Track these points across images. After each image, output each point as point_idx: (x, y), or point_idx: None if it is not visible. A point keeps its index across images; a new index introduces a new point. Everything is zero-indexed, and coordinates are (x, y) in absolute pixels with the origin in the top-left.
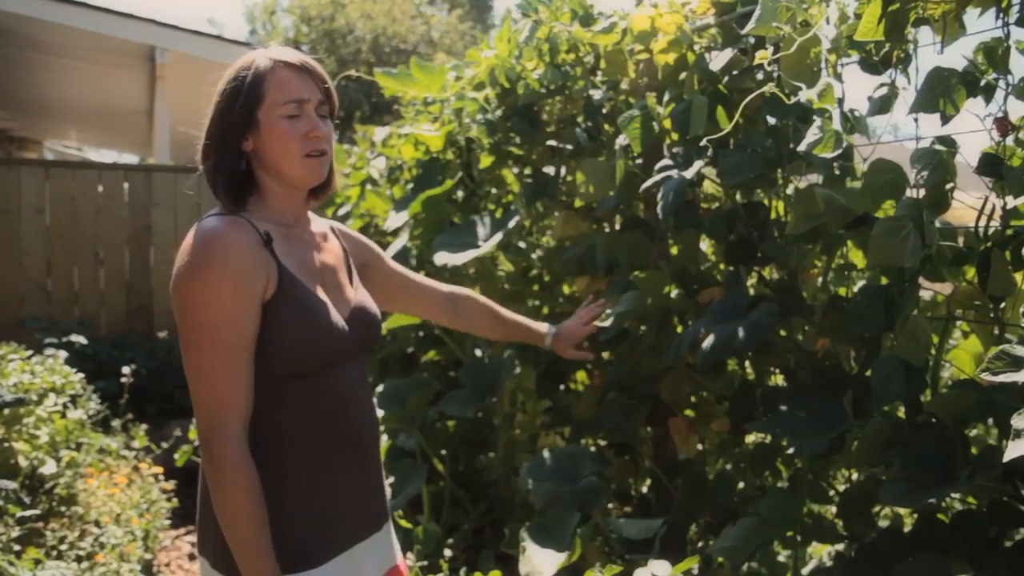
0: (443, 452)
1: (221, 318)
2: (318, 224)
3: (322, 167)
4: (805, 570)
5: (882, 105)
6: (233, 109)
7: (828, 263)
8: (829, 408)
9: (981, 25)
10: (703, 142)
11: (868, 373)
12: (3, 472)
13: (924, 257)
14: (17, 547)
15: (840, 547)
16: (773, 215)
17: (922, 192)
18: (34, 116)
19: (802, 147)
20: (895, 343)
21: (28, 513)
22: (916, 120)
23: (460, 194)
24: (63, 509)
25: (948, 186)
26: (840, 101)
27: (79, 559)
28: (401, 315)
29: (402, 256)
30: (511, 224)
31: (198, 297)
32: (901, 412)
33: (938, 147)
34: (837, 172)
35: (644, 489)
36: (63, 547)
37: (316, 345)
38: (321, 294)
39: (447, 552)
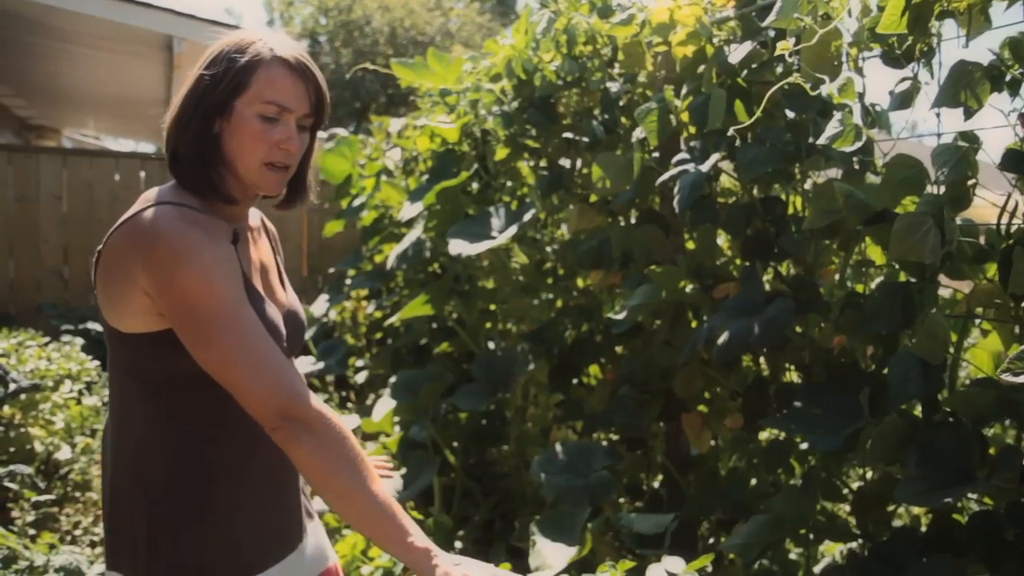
0: (455, 444)
1: (233, 297)
2: (253, 216)
3: (280, 183)
4: (817, 568)
5: (904, 99)
6: (215, 86)
7: (846, 259)
8: (844, 405)
9: (1007, 19)
10: (724, 135)
11: (885, 371)
12: (19, 457)
13: (944, 254)
14: (32, 531)
15: (853, 546)
16: (791, 210)
17: (943, 188)
18: (52, 105)
19: (822, 141)
20: (913, 341)
21: (43, 498)
22: (938, 115)
23: (475, 186)
24: (78, 495)
25: (970, 182)
26: (861, 95)
27: (93, 544)
28: (414, 305)
29: (417, 247)
30: (526, 217)
31: (197, 286)
32: (917, 411)
33: (960, 143)
34: (856, 167)
35: (656, 484)
36: (77, 532)
37: None
38: (268, 302)
39: (457, 544)
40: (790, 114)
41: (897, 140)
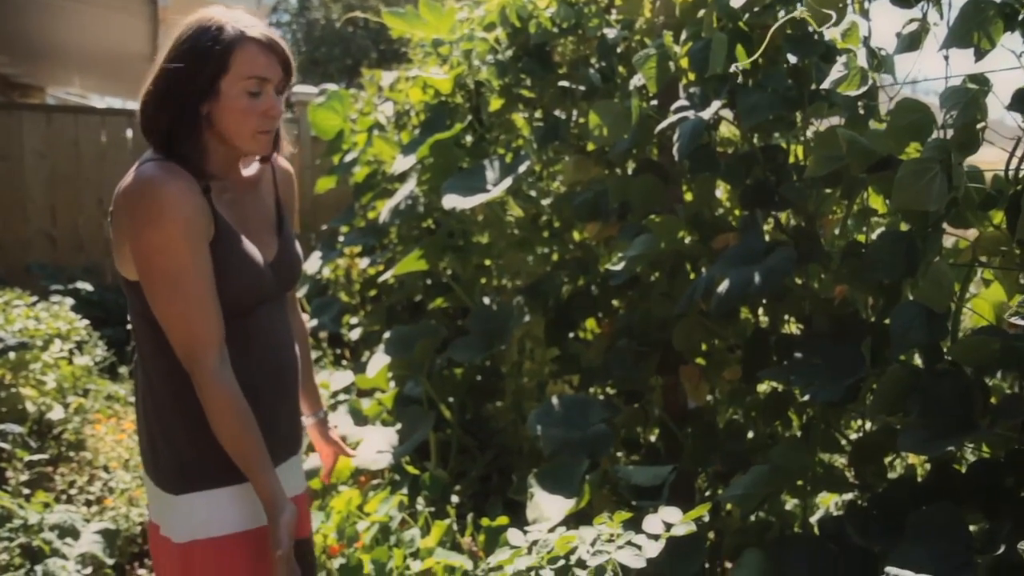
0: (451, 399)
1: (183, 262)
2: (253, 164)
3: (270, 144)
4: (813, 519)
5: (911, 42)
6: (198, 74)
7: (848, 208)
8: (845, 356)
9: None
10: (724, 81)
11: (886, 321)
12: (11, 417)
13: (950, 201)
14: (27, 491)
15: (849, 496)
16: (792, 159)
17: (950, 133)
18: (36, 62)
19: (825, 84)
20: (916, 289)
21: (36, 457)
22: (947, 58)
23: (469, 138)
24: (72, 454)
25: (979, 125)
26: (866, 39)
27: (88, 503)
28: (408, 261)
29: (410, 202)
30: (521, 169)
31: (157, 246)
32: (918, 362)
33: (970, 85)
34: (861, 112)
35: (653, 437)
36: (72, 491)
37: (244, 289)
38: (248, 242)
39: (454, 498)
40: (792, 59)
41: (903, 85)
